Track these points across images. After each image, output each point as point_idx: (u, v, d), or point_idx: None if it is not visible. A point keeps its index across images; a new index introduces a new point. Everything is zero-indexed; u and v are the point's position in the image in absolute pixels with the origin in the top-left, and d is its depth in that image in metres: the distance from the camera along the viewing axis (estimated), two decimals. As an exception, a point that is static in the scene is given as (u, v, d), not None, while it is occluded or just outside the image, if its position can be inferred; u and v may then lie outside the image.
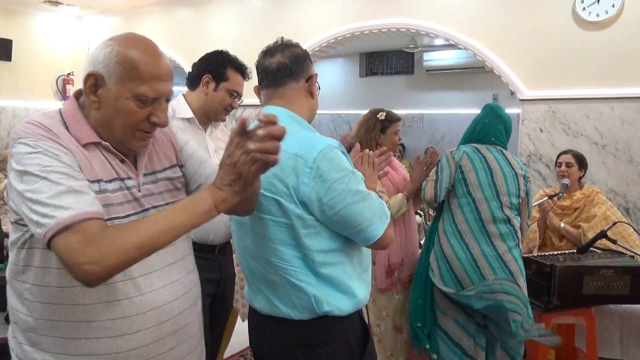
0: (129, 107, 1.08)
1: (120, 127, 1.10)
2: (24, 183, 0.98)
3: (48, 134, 1.04)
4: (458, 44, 4.52)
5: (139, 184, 1.17)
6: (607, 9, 3.77)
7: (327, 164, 1.25)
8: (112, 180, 1.11)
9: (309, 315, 1.32)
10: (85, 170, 1.06)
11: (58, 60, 7.30)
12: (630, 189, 3.79)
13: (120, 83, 1.07)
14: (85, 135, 1.10)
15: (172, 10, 6.48)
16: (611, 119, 3.85)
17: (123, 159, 1.16)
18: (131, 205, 1.14)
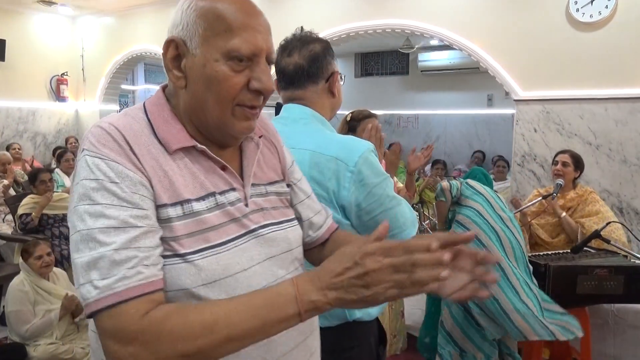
0: (221, 72, 0.82)
1: (215, 103, 0.84)
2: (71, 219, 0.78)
3: (118, 146, 0.79)
4: (453, 45, 4.54)
5: (246, 196, 0.90)
6: (600, 10, 3.79)
7: (368, 168, 1.21)
8: (205, 197, 0.84)
9: (337, 322, 1.29)
10: (163, 192, 0.80)
11: (52, 60, 7.27)
12: (623, 189, 3.82)
13: (205, 43, 0.83)
14: (175, 138, 0.85)
15: (167, 10, 6.46)
16: (605, 120, 3.87)
17: (224, 166, 0.89)
18: (235, 226, 0.86)
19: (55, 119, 7.43)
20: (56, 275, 3.22)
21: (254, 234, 0.88)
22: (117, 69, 7.19)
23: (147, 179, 0.79)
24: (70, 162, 5.39)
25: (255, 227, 0.89)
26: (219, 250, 0.82)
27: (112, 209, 0.75)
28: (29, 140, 7.14)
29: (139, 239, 0.75)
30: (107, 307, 0.71)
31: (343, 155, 1.21)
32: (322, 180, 1.21)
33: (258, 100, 0.87)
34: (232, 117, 0.86)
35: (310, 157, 1.22)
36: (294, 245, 0.95)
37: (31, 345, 2.90)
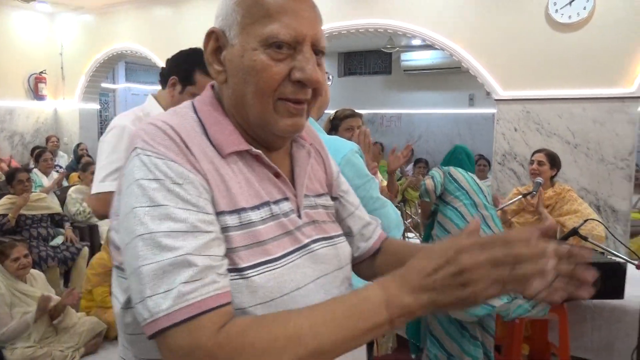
0: (259, 61, 0.74)
1: (254, 97, 0.76)
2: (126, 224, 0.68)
3: (175, 145, 0.72)
4: (435, 45, 4.57)
5: (299, 207, 0.83)
6: (578, 11, 3.86)
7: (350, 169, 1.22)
8: (260, 205, 0.77)
9: None
10: (220, 198, 0.73)
11: (30, 58, 7.13)
12: (601, 187, 3.89)
13: (243, 31, 0.76)
14: (229, 140, 0.77)
15: (148, 8, 6.39)
16: (583, 119, 3.94)
17: (278, 173, 0.82)
18: (289, 239, 0.78)
19: (33, 118, 7.29)
20: (33, 277, 3.16)
21: (307, 249, 0.80)
22: (97, 67, 7.09)
23: (206, 183, 0.72)
24: (49, 161, 5.30)
25: (308, 241, 0.81)
26: (276, 266, 0.74)
27: (179, 211, 0.67)
28: (6, 140, 6.99)
29: (209, 246, 0.66)
30: (182, 321, 0.61)
31: None
32: None
33: (303, 93, 0.77)
34: (274, 113, 0.77)
35: None
36: (343, 263, 0.88)
37: (8, 349, 2.85)
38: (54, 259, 3.96)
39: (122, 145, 1.75)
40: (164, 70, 1.91)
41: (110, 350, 3.26)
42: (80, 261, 4.13)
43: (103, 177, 1.74)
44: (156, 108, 1.90)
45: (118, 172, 1.74)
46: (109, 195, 1.72)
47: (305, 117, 0.81)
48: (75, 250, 4.16)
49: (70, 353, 3.00)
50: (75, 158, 6.48)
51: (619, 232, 3.76)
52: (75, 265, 4.14)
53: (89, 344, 3.13)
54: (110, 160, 1.74)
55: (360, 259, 0.98)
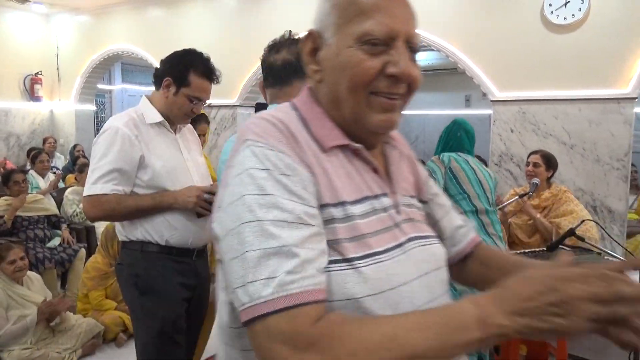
0: (354, 56, 0.76)
1: (347, 91, 0.77)
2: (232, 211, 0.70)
3: (285, 138, 0.75)
4: (431, 46, 4.58)
5: (397, 203, 0.84)
6: (574, 12, 3.87)
7: None
8: (361, 199, 0.78)
9: None
10: (325, 190, 0.74)
11: (26, 59, 7.11)
12: (597, 188, 3.91)
13: (339, 31, 0.78)
14: (330, 135, 0.80)
15: (143, 9, 6.38)
16: (578, 120, 3.95)
17: (376, 168, 0.83)
18: (391, 234, 0.79)
19: (29, 119, 7.27)
20: (30, 279, 3.15)
21: (406, 247, 0.80)
22: (94, 69, 7.07)
23: (312, 175, 0.74)
24: (45, 163, 5.28)
25: (406, 239, 0.81)
26: (382, 259, 0.74)
27: (286, 202, 0.68)
28: (2, 141, 6.97)
29: (312, 240, 0.67)
30: (283, 309, 0.62)
31: None
32: None
33: (396, 87, 0.78)
34: (367, 107, 0.78)
35: None
36: (441, 263, 0.87)
37: (5, 351, 2.84)
38: (51, 260, 3.95)
39: (116, 147, 1.73)
40: (158, 72, 1.90)
41: (108, 352, 3.26)
42: (78, 263, 4.12)
43: (95, 180, 1.73)
44: (150, 109, 1.88)
45: (111, 174, 1.73)
46: (101, 198, 1.72)
47: (398, 114, 0.81)
48: (72, 252, 4.15)
49: (67, 355, 2.99)
50: (72, 159, 6.46)
51: (616, 233, 3.78)
52: (72, 267, 4.13)
53: (86, 346, 3.12)
54: (103, 163, 1.73)
55: (450, 262, 0.94)
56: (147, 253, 1.83)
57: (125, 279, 1.88)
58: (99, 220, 1.92)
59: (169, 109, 1.89)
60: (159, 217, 1.80)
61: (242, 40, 5.38)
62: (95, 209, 1.74)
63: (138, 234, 1.82)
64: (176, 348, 1.87)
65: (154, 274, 1.82)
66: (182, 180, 1.85)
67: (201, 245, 1.98)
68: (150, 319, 1.83)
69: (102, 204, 1.72)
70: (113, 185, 1.72)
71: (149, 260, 1.83)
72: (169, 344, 1.85)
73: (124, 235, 1.87)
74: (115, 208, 1.73)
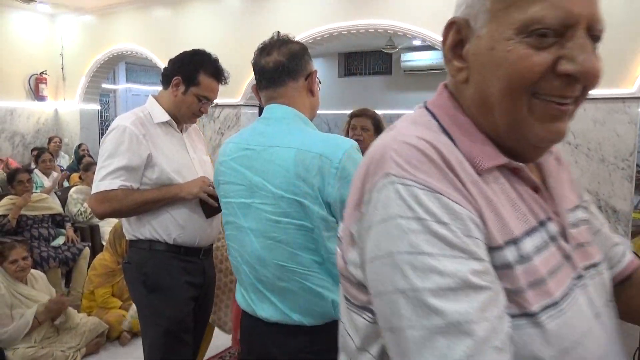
0: (514, 51, 0.60)
1: (502, 94, 0.62)
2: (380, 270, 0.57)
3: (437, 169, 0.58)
4: (435, 45, 4.57)
5: (564, 227, 0.68)
6: (579, 11, 3.86)
7: (352, 164, 1.20)
8: (529, 232, 0.62)
9: (322, 321, 1.28)
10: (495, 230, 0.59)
11: (30, 58, 7.13)
12: (601, 188, 3.89)
13: (494, 19, 0.62)
14: (483, 152, 0.64)
15: (148, 9, 6.39)
16: (583, 119, 3.94)
17: (537, 187, 0.68)
18: (564, 272, 0.64)
19: (34, 119, 7.30)
20: (34, 277, 3.16)
21: (579, 283, 0.65)
22: (98, 68, 7.09)
23: (477, 213, 0.58)
24: (48, 162, 5.29)
25: (578, 275, 0.66)
26: (563, 309, 0.60)
27: (446, 262, 0.54)
28: (7, 141, 7.00)
29: (486, 307, 0.52)
30: None
31: (328, 152, 1.21)
32: (307, 177, 1.21)
33: (570, 89, 0.62)
34: (529, 115, 0.62)
35: (295, 154, 1.22)
36: (610, 294, 0.72)
37: (9, 349, 2.85)
38: (55, 259, 3.96)
39: (124, 146, 1.75)
40: (167, 71, 1.91)
41: (112, 350, 3.27)
42: (82, 262, 4.13)
43: (103, 177, 1.74)
44: (157, 108, 1.90)
45: (119, 171, 1.73)
46: (108, 194, 1.74)
47: (568, 122, 0.66)
48: (76, 251, 4.16)
49: (71, 353, 3.00)
50: (76, 159, 6.48)
51: (620, 233, 3.76)
52: (76, 266, 4.14)
53: (90, 344, 3.13)
54: (111, 161, 1.74)
55: None
56: (155, 252, 1.84)
57: (133, 278, 1.89)
58: (106, 217, 1.93)
59: (178, 108, 1.90)
60: (165, 214, 1.81)
61: (247, 39, 5.38)
62: (102, 205, 1.75)
63: (146, 232, 1.83)
64: (183, 347, 1.88)
65: (162, 272, 1.83)
66: (189, 179, 1.87)
67: (208, 245, 1.99)
68: (157, 317, 1.83)
69: (109, 199, 1.73)
70: (121, 181, 1.73)
71: (157, 259, 1.83)
72: (176, 342, 1.86)
73: (132, 234, 1.88)
74: (122, 202, 1.73)
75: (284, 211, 1.23)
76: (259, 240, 1.29)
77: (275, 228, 1.26)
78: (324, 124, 9.55)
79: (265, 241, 1.28)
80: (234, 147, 1.35)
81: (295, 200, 1.22)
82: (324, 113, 9.52)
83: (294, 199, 1.22)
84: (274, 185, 1.23)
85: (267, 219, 1.26)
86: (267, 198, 1.25)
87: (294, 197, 1.22)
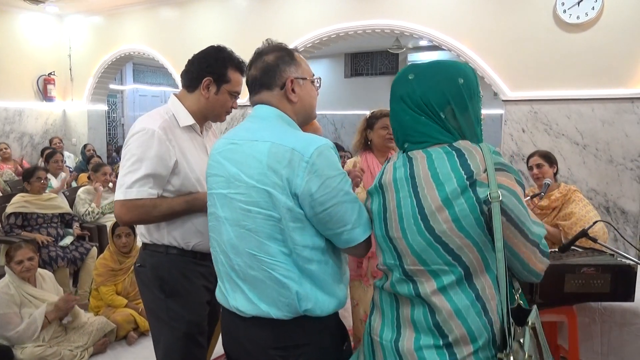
0: None
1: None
2: None
3: None
4: (442, 45, 4.56)
5: None
6: (587, 11, 3.83)
7: (323, 160, 1.25)
8: None
9: (289, 314, 1.30)
10: None
11: (39, 59, 7.19)
12: (610, 188, 3.86)
13: None
14: None
15: (156, 10, 6.42)
16: (592, 120, 3.91)
17: None
18: None
19: (42, 119, 7.35)
20: (42, 277, 3.18)
21: None
22: (106, 69, 7.13)
23: None
24: (59, 163, 5.34)
25: None
26: None
27: None
28: (16, 141, 7.05)
29: None
30: None
31: (300, 147, 1.25)
32: (277, 168, 1.25)
33: None
34: None
35: (269, 147, 1.27)
36: None
37: (18, 348, 2.87)
38: (64, 259, 3.99)
39: (153, 151, 1.69)
40: (192, 73, 1.84)
41: (118, 349, 3.28)
42: (89, 261, 4.16)
43: (131, 184, 1.68)
44: (182, 111, 1.83)
45: (147, 178, 1.68)
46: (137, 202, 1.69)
47: None
48: (84, 251, 4.19)
49: (79, 352, 3.02)
50: (83, 159, 6.52)
51: (629, 234, 3.74)
52: (84, 266, 4.17)
53: (97, 344, 3.15)
54: (139, 166, 1.68)
55: None
56: (171, 255, 1.80)
57: (148, 282, 1.85)
58: (132, 224, 1.88)
59: (211, 109, 1.85)
60: (187, 224, 1.78)
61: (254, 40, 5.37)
62: (130, 214, 1.69)
63: (163, 239, 1.80)
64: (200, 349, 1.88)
65: (180, 277, 1.81)
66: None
67: None
68: (175, 321, 1.81)
69: (137, 207, 1.69)
70: (149, 189, 1.68)
71: (173, 263, 1.81)
72: (193, 345, 1.85)
73: (148, 238, 1.84)
74: (151, 212, 1.69)
75: (254, 200, 1.28)
76: (234, 229, 1.34)
77: (246, 217, 1.30)
78: (330, 125, 9.55)
79: (238, 230, 1.33)
80: (223, 142, 1.40)
81: (264, 190, 1.26)
82: (330, 113, 9.51)
83: (264, 188, 1.26)
84: (247, 176, 1.28)
85: (239, 208, 1.31)
86: (240, 188, 1.30)
87: (264, 187, 1.26)
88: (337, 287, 1.35)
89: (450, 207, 1.14)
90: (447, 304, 1.16)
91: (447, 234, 1.14)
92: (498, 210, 1.11)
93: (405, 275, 1.22)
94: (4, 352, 2.83)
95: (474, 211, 1.13)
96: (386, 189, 1.27)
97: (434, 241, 1.16)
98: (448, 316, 1.16)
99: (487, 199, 1.12)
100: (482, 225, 1.15)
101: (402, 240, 1.21)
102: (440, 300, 1.16)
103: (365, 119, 2.75)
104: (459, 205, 1.13)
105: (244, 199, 1.29)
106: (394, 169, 1.27)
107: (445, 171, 1.17)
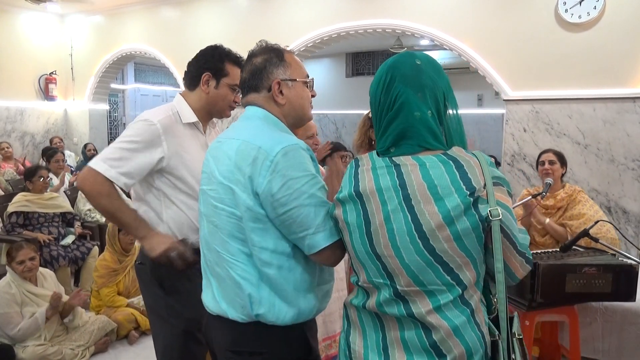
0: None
1: None
2: None
3: None
4: (443, 45, 4.56)
5: None
6: (589, 10, 3.83)
7: (288, 160, 1.22)
8: None
9: (243, 316, 1.28)
10: None
11: (40, 59, 7.19)
12: (611, 188, 3.86)
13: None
14: None
15: (157, 10, 6.43)
16: (593, 119, 3.91)
17: None
18: None
19: (44, 119, 7.36)
20: (43, 276, 3.18)
21: None
22: (107, 68, 7.14)
23: None
24: (60, 162, 5.34)
25: None
26: None
27: None
28: (17, 140, 7.06)
29: None
30: None
31: (267, 146, 1.24)
32: (242, 166, 1.25)
33: None
34: None
35: (238, 145, 1.28)
36: None
37: (19, 347, 2.88)
38: (65, 258, 4.00)
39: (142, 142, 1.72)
40: (192, 71, 1.88)
41: (120, 349, 3.29)
42: (90, 260, 4.16)
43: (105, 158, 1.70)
44: (186, 108, 1.87)
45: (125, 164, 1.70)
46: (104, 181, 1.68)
47: None
48: (85, 250, 4.20)
49: (80, 351, 3.02)
50: (85, 158, 6.53)
51: (630, 234, 3.73)
52: (85, 265, 4.18)
53: (99, 343, 3.15)
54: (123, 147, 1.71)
55: None
56: None
57: (148, 279, 1.86)
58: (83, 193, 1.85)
59: (213, 104, 1.88)
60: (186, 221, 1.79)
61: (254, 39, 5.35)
62: (88, 183, 1.70)
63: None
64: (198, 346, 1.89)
65: (179, 274, 1.82)
66: None
67: None
68: (175, 318, 1.83)
69: (98, 183, 1.69)
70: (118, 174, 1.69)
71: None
72: (192, 342, 1.86)
73: None
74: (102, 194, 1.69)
75: (220, 197, 1.29)
76: (207, 225, 1.36)
77: (214, 213, 1.32)
78: (332, 124, 9.55)
79: (210, 226, 1.35)
80: (214, 140, 1.43)
81: (228, 187, 1.27)
82: (331, 113, 9.51)
83: (228, 185, 1.27)
84: (219, 172, 1.30)
85: (210, 204, 1.33)
86: (212, 184, 1.32)
87: (228, 184, 1.27)
88: (300, 297, 1.28)
89: (452, 225, 1.04)
90: (445, 323, 1.08)
91: (448, 253, 1.06)
92: (498, 228, 1.06)
93: (396, 295, 1.11)
94: (6, 351, 2.83)
95: (477, 229, 1.06)
96: (367, 199, 1.12)
97: (434, 261, 1.06)
98: (446, 335, 1.08)
99: (488, 217, 1.05)
100: (482, 243, 1.10)
101: (396, 259, 1.09)
102: (436, 320, 1.08)
103: (368, 117, 2.71)
104: (461, 224, 1.05)
105: (213, 195, 1.31)
106: (375, 176, 1.12)
107: (444, 184, 1.06)
